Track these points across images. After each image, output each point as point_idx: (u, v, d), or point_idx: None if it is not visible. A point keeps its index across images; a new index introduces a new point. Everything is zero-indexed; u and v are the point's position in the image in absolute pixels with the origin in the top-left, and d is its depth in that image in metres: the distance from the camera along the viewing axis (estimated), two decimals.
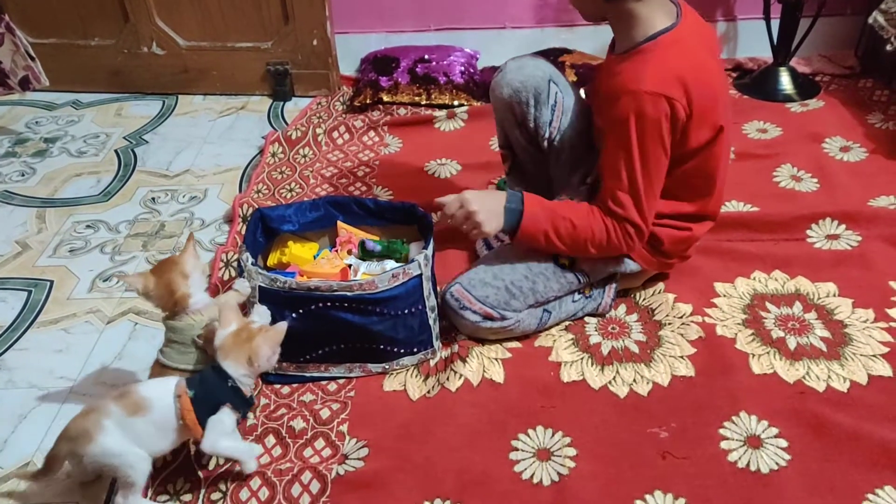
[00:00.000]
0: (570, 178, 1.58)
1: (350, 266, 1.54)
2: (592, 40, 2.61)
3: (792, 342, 1.49)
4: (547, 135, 1.56)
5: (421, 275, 1.39)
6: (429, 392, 1.42)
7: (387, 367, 1.45)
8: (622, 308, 1.60)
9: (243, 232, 1.69)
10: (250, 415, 1.37)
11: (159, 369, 1.28)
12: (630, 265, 1.54)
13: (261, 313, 1.33)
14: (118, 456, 1.14)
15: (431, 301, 1.45)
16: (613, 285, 1.58)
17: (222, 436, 1.20)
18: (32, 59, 2.21)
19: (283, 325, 1.23)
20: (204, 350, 1.27)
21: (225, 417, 1.19)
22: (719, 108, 1.37)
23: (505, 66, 1.60)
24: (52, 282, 1.75)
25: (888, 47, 2.11)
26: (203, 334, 1.26)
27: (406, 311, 1.39)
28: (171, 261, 1.30)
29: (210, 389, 1.19)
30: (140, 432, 1.16)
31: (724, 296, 1.61)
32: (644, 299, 1.62)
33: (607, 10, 1.39)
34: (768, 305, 1.58)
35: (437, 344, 1.49)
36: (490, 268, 1.48)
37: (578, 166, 1.57)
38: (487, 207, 1.41)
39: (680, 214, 1.49)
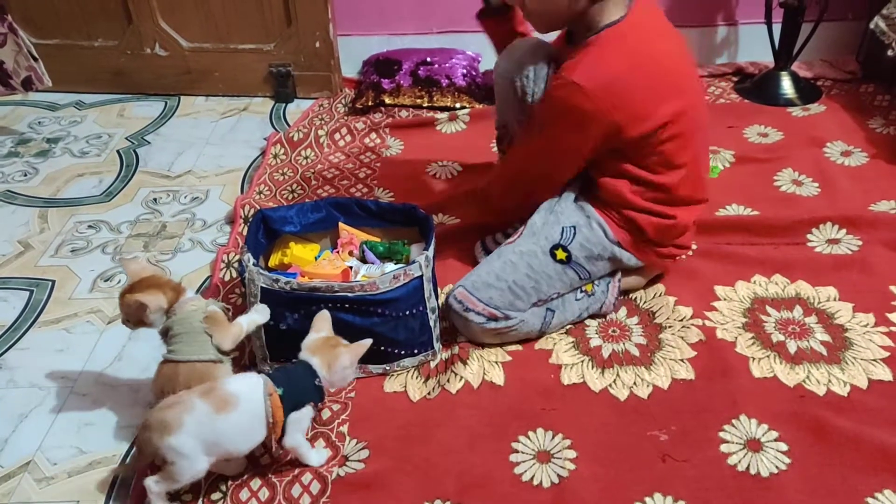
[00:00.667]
0: None
1: (351, 267, 1.54)
2: None
3: (792, 346, 1.49)
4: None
5: (422, 276, 1.39)
6: (429, 394, 1.42)
7: (387, 368, 1.45)
8: (623, 311, 1.60)
9: (244, 233, 1.69)
10: None
11: (172, 367, 1.26)
12: (625, 256, 1.53)
13: (259, 310, 1.33)
14: (184, 457, 1.14)
15: (432, 302, 1.45)
16: (617, 284, 1.58)
17: (301, 434, 1.23)
18: (35, 59, 2.21)
19: (366, 342, 1.27)
20: (210, 336, 1.27)
21: (306, 415, 1.22)
22: (666, 101, 1.38)
23: (504, 51, 1.62)
24: (53, 282, 1.75)
25: (889, 52, 2.11)
26: (208, 314, 1.27)
27: (407, 313, 1.39)
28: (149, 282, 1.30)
29: (298, 387, 1.20)
30: (223, 431, 1.16)
31: (725, 299, 1.61)
32: (645, 302, 1.62)
33: (569, 23, 1.44)
34: (769, 309, 1.58)
35: (437, 345, 1.49)
36: (492, 270, 1.49)
37: None
38: None
39: (650, 185, 1.46)
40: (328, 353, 1.24)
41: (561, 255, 1.49)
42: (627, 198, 1.47)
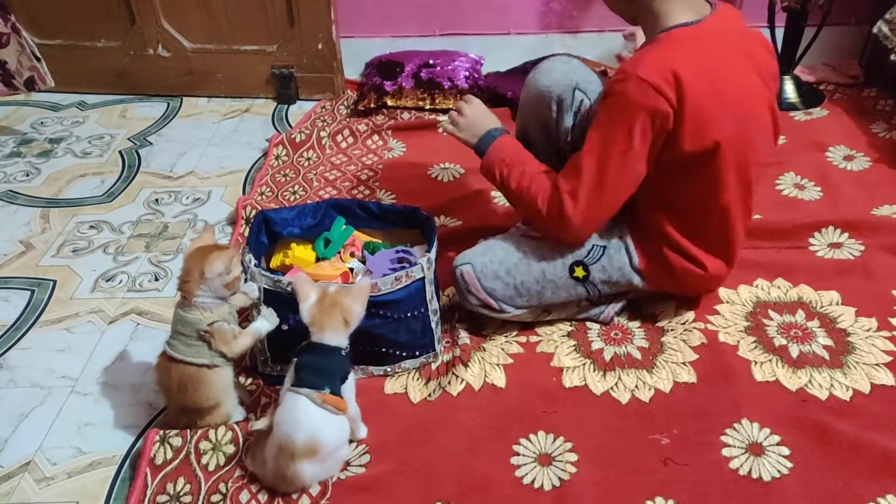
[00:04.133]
0: None
1: (352, 269, 1.54)
2: (596, 46, 2.61)
3: (794, 350, 1.49)
4: (568, 139, 1.56)
5: (424, 278, 1.39)
6: (430, 395, 1.42)
7: (388, 369, 1.45)
8: (625, 314, 1.60)
9: (246, 234, 1.69)
10: (253, 424, 1.36)
11: (166, 362, 1.28)
12: (641, 284, 1.50)
13: (266, 315, 1.33)
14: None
15: (434, 304, 1.45)
16: (623, 303, 1.58)
17: (354, 401, 1.26)
18: (38, 59, 2.21)
19: (367, 281, 1.28)
20: (209, 344, 1.27)
21: (351, 383, 1.24)
22: (724, 119, 1.30)
23: (540, 65, 1.60)
24: (55, 281, 1.75)
25: (892, 57, 2.11)
26: (209, 329, 1.26)
27: (408, 315, 1.39)
28: (207, 253, 1.27)
29: (333, 372, 1.20)
30: (330, 464, 1.24)
31: (727, 302, 1.61)
32: (647, 306, 1.61)
33: (631, 9, 1.39)
34: (771, 313, 1.58)
35: (438, 347, 1.48)
36: (506, 262, 1.46)
37: None
38: (477, 119, 1.53)
39: (684, 234, 1.43)
40: (334, 314, 1.21)
41: (580, 272, 1.48)
42: (666, 230, 1.43)
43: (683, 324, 1.56)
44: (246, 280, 1.38)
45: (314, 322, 1.22)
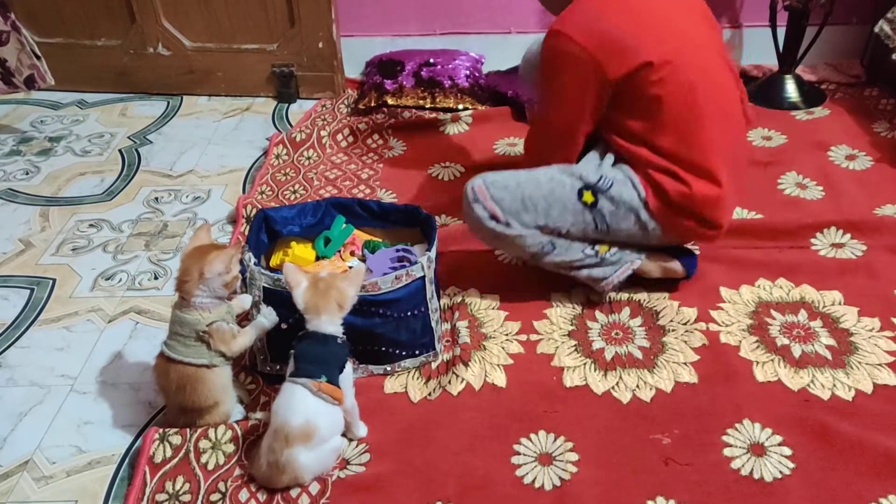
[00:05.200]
0: None
1: (351, 268, 1.53)
2: None
3: (797, 350, 1.48)
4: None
5: (424, 277, 1.38)
6: (430, 395, 1.41)
7: (388, 368, 1.44)
8: (626, 311, 1.59)
9: (246, 232, 1.69)
10: (252, 414, 1.36)
11: (165, 362, 1.28)
12: (650, 223, 1.50)
13: (266, 314, 1.33)
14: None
15: (434, 303, 1.44)
16: (631, 266, 1.57)
17: (352, 392, 1.26)
18: (38, 57, 2.21)
19: (361, 266, 1.29)
20: (207, 344, 1.27)
21: (349, 372, 1.24)
22: (647, 43, 1.41)
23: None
24: (54, 280, 1.75)
25: (894, 56, 2.10)
26: (207, 330, 1.26)
27: (408, 314, 1.39)
28: (206, 252, 1.27)
29: (330, 360, 1.21)
30: (326, 451, 1.23)
31: (729, 302, 1.60)
32: (648, 302, 1.61)
33: None
34: (773, 313, 1.57)
35: (439, 347, 1.48)
36: (517, 176, 1.52)
37: None
38: None
39: (662, 155, 1.47)
40: (328, 298, 1.21)
41: (588, 197, 1.49)
42: (646, 156, 1.48)
43: (685, 324, 1.55)
44: (245, 279, 1.38)
45: (309, 307, 1.22)
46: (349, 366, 1.24)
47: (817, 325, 1.54)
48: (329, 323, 1.22)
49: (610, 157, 1.54)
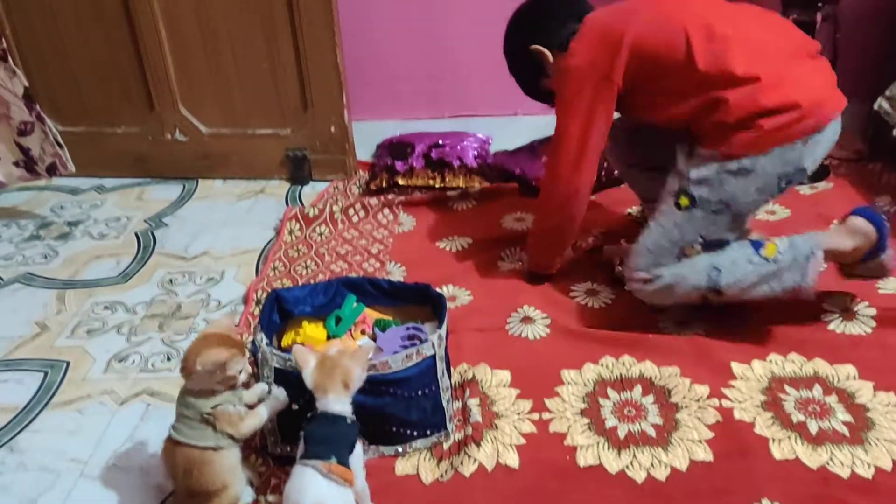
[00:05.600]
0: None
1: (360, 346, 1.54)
2: None
3: (813, 426, 1.46)
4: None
5: (434, 355, 1.39)
6: (442, 476, 1.39)
7: (399, 449, 1.43)
8: (637, 389, 1.58)
9: (257, 313, 1.71)
10: (263, 497, 1.35)
11: (172, 445, 1.28)
12: (744, 162, 1.54)
13: (277, 395, 1.33)
14: None
15: (445, 382, 1.44)
16: (819, 256, 1.57)
17: (363, 472, 1.25)
18: (60, 146, 2.29)
19: (369, 344, 1.31)
20: (213, 426, 1.27)
21: (359, 453, 1.24)
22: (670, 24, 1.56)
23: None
24: (68, 363, 1.76)
25: (895, 132, 2.15)
26: (212, 412, 1.26)
27: (419, 393, 1.39)
28: (205, 345, 1.28)
29: (340, 441, 1.20)
30: None
31: (742, 378, 1.59)
32: (659, 380, 1.60)
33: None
34: (787, 388, 1.56)
35: (450, 426, 1.47)
36: (636, 242, 1.67)
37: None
38: None
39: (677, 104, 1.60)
40: (334, 376, 1.22)
41: (684, 201, 1.58)
42: (682, 111, 1.57)
43: (697, 400, 1.54)
44: (256, 359, 1.39)
45: (316, 386, 1.23)
46: (359, 446, 1.24)
47: (833, 401, 1.52)
48: (336, 402, 1.22)
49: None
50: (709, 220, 1.59)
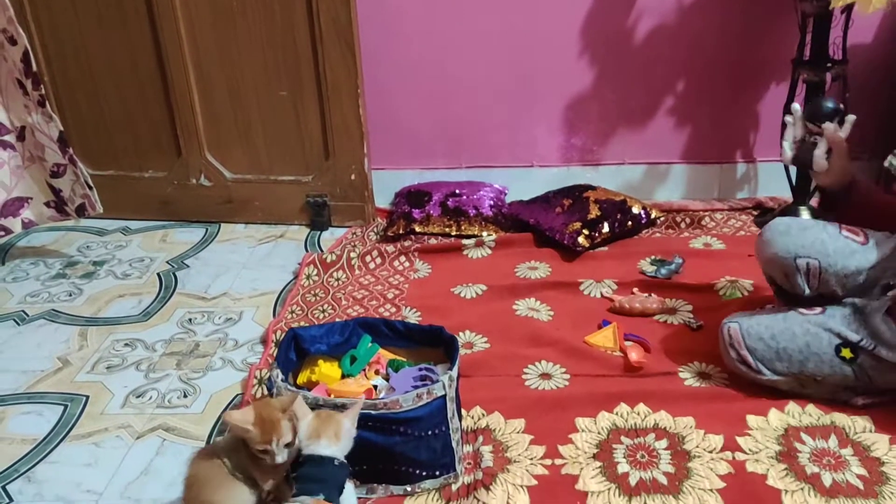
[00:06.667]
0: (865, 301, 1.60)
1: (376, 387, 1.56)
2: (617, 177, 2.72)
3: (827, 479, 1.45)
4: (808, 294, 1.63)
5: (445, 395, 1.40)
6: None
7: (408, 489, 1.44)
8: (651, 435, 1.58)
9: (275, 353, 1.73)
10: None
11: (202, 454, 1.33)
12: None
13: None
14: None
15: (455, 423, 1.45)
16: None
17: None
18: (90, 188, 2.37)
19: (360, 401, 1.32)
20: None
21: (350, 492, 1.30)
22: None
23: (763, 233, 1.70)
24: (87, 397, 1.79)
25: None
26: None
27: (429, 433, 1.40)
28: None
29: (328, 480, 1.23)
30: None
31: (757, 429, 1.58)
32: (674, 429, 1.59)
33: None
34: (803, 437, 1.55)
35: (459, 468, 1.47)
36: (772, 327, 1.59)
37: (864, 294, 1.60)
38: None
39: None
40: (329, 426, 1.28)
41: (847, 353, 1.53)
42: None
43: (710, 451, 1.53)
44: (271, 395, 1.41)
45: (311, 433, 1.27)
46: (349, 486, 1.28)
47: (848, 454, 1.51)
48: (327, 448, 1.27)
49: (883, 306, 1.53)
50: (850, 378, 1.56)
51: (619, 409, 1.66)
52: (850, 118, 1.60)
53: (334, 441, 1.27)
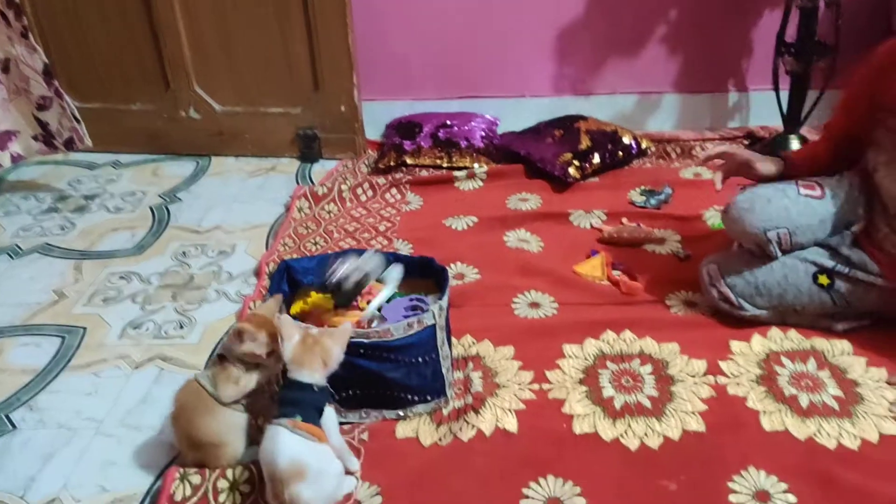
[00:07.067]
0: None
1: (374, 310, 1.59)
2: (608, 108, 2.71)
3: (804, 400, 1.50)
4: (779, 255, 1.64)
5: (435, 325, 1.44)
6: (440, 440, 1.45)
7: (400, 413, 1.49)
8: (636, 361, 1.63)
9: (268, 284, 1.76)
10: None
11: (187, 383, 1.38)
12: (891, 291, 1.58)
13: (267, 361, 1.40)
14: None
15: (445, 350, 1.49)
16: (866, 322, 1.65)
17: (338, 432, 1.32)
18: (78, 121, 2.35)
19: (347, 326, 1.35)
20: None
21: (331, 415, 1.31)
22: None
23: (729, 211, 1.69)
24: (85, 328, 1.83)
25: None
26: (216, 359, 1.36)
27: (420, 360, 1.44)
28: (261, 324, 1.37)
29: (307, 403, 1.26)
30: (325, 476, 1.24)
31: (739, 354, 1.63)
32: (659, 355, 1.64)
33: None
34: (784, 360, 1.60)
35: (450, 393, 1.52)
36: (750, 261, 1.65)
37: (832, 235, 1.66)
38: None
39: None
40: (314, 354, 1.29)
41: (823, 280, 1.60)
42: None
43: (693, 376, 1.58)
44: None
45: (294, 360, 1.29)
46: (329, 409, 1.30)
47: (825, 376, 1.56)
48: (309, 377, 1.29)
49: (847, 237, 1.62)
50: (828, 304, 1.62)
51: (605, 336, 1.70)
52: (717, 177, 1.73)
53: (320, 370, 1.30)
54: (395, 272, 1.58)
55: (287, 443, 1.21)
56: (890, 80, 1.55)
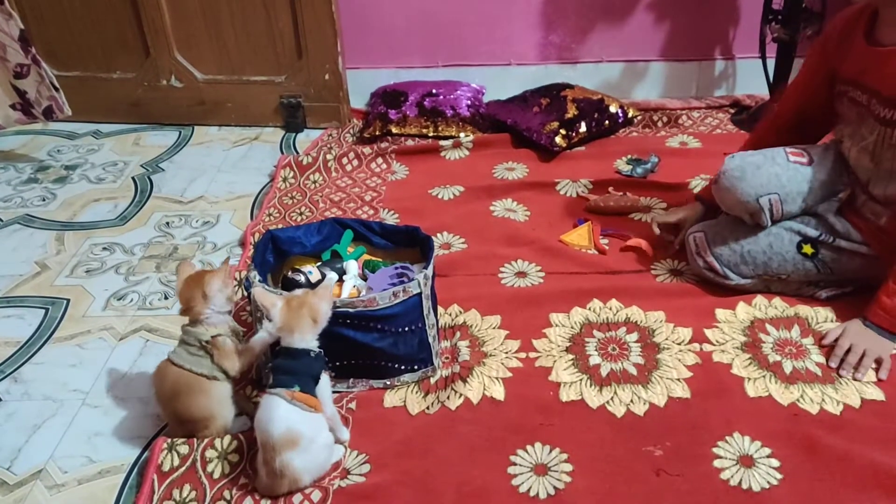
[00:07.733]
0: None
1: (354, 286, 1.59)
2: (594, 76, 2.69)
3: (788, 366, 1.52)
4: (769, 224, 1.64)
5: (420, 294, 1.44)
6: (428, 408, 1.45)
7: (388, 382, 1.49)
8: (622, 329, 1.64)
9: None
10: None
11: (166, 366, 1.35)
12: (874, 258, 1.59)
13: (268, 328, 1.38)
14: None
15: (431, 319, 1.49)
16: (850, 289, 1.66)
17: (331, 401, 1.32)
18: (56, 89, 2.30)
19: (330, 280, 1.36)
20: (211, 355, 1.33)
21: (325, 383, 1.30)
22: None
23: (720, 180, 1.67)
24: (68, 300, 1.81)
25: None
26: (211, 341, 1.32)
27: (406, 329, 1.44)
28: (201, 277, 1.36)
29: (303, 372, 1.26)
30: (317, 446, 1.25)
31: (725, 321, 1.64)
32: (645, 323, 1.65)
33: None
34: (768, 327, 1.61)
35: (437, 362, 1.53)
36: (735, 230, 1.66)
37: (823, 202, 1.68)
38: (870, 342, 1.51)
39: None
40: (301, 315, 1.28)
41: (808, 249, 1.61)
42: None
43: (679, 343, 1.59)
44: (249, 297, 1.44)
45: (283, 325, 1.28)
46: (325, 377, 1.30)
47: (809, 343, 1.58)
48: (301, 341, 1.29)
49: (833, 205, 1.65)
50: (812, 272, 1.64)
51: (591, 305, 1.71)
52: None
53: (311, 330, 1.29)
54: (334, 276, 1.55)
55: (283, 412, 1.21)
56: (846, 50, 1.56)
